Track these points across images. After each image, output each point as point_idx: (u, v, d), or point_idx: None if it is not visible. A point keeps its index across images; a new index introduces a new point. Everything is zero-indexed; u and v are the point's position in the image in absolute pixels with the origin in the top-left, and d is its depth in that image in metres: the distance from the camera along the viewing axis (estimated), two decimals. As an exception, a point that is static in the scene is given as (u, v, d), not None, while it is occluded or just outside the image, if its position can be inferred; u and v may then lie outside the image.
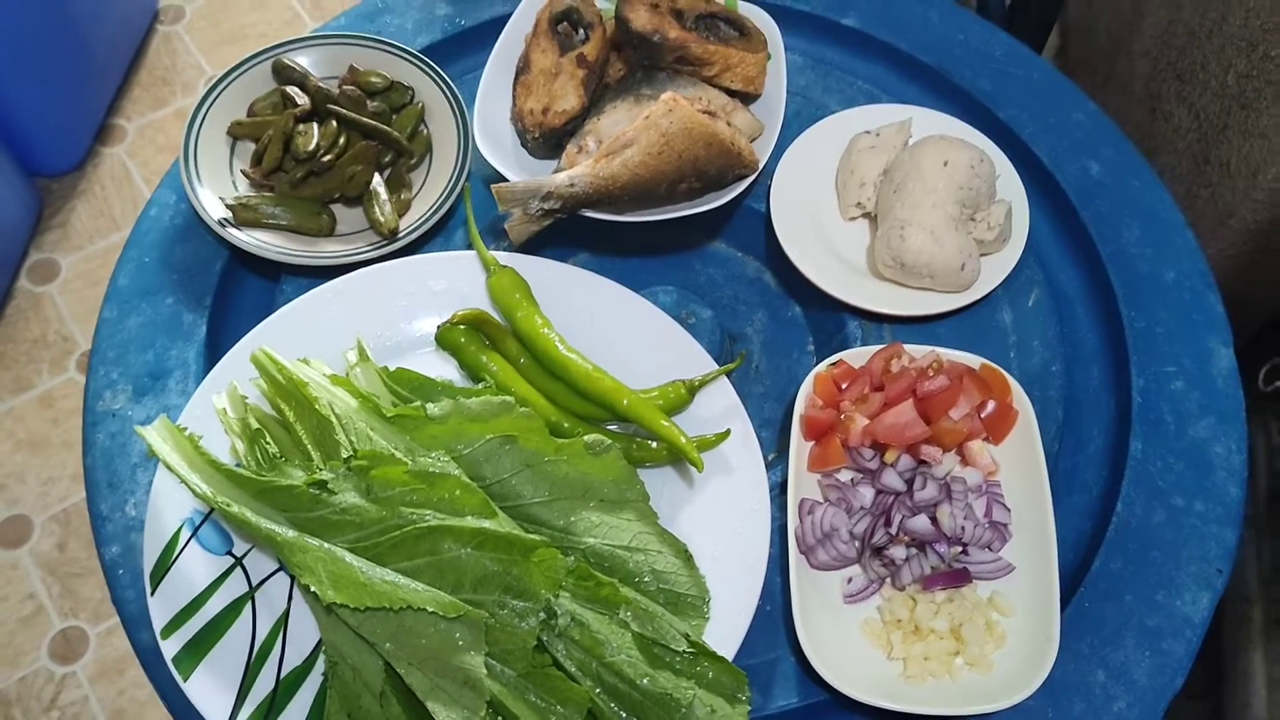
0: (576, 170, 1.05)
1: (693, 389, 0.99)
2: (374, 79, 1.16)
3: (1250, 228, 1.53)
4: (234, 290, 1.13)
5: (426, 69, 1.17)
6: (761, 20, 1.17)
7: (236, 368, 0.98)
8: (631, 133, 1.04)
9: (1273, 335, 1.53)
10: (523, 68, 1.15)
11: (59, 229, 2.36)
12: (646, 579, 0.90)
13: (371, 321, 1.04)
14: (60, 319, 2.25)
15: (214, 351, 1.07)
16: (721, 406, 1.00)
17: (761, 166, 1.10)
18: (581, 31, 1.14)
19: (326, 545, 0.84)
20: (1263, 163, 1.47)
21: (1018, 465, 0.99)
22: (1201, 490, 1.01)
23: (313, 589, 0.82)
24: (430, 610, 0.79)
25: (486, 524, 0.84)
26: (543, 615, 0.83)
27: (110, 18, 2.41)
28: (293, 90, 1.14)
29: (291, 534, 0.85)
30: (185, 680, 0.86)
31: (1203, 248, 1.16)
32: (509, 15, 1.19)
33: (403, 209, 1.12)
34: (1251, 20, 1.46)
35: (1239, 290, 1.54)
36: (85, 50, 2.32)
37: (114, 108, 2.51)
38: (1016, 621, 0.93)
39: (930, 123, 1.16)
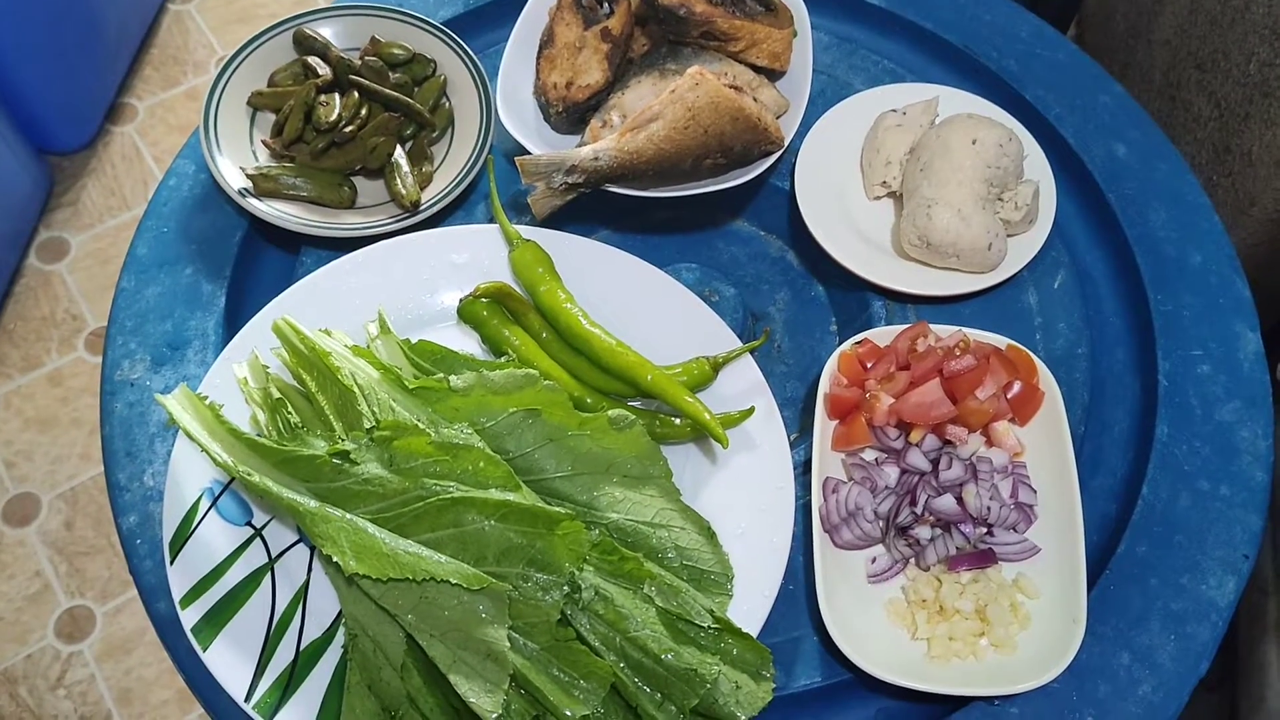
0: (601, 144, 1.04)
1: (717, 366, 0.98)
2: (396, 50, 1.15)
3: (1272, 216, 1.52)
4: (253, 261, 1.12)
5: (449, 41, 1.16)
6: (787, -4, 1.16)
7: (257, 337, 0.98)
8: (657, 106, 1.03)
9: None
10: (546, 41, 1.14)
11: (69, 207, 2.35)
12: (670, 555, 0.89)
13: (392, 294, 1.03)
14: (70, 297, 2.24)
15: (233, 322, 1.06)
16: (745, 384, 0.99)
17: (787, 144, 1.09)
18: (606, 5, 1.13)
19: (349, 516, 0.83)
20: (1286, 151, 1.46)
21: (1044, 447, 0.98)
22: (1227, 474, 1.01)
23: (335, 559, 0.81)
24: (453, 582, 0.78)
25: (510, 496, 0.83)
26: (566, 589, 0.82)
27: (122, -4, 2.40)
28: (314, 61, 1.13)
29: (314, 504, 0.84)
30: (205, 650, 0.85)
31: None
32: (533, -11, 1.18)
33: (424, 182, 1.11)
34: (1276, 8, 1.45)
35: (1260, 279, 1.53)
36: (96, 28, 2.31)
37: (125, 86, 2.50)
38: (1042, 603, 0.92)
39: (957, 102, 1.15)
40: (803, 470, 1.00)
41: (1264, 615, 1.45)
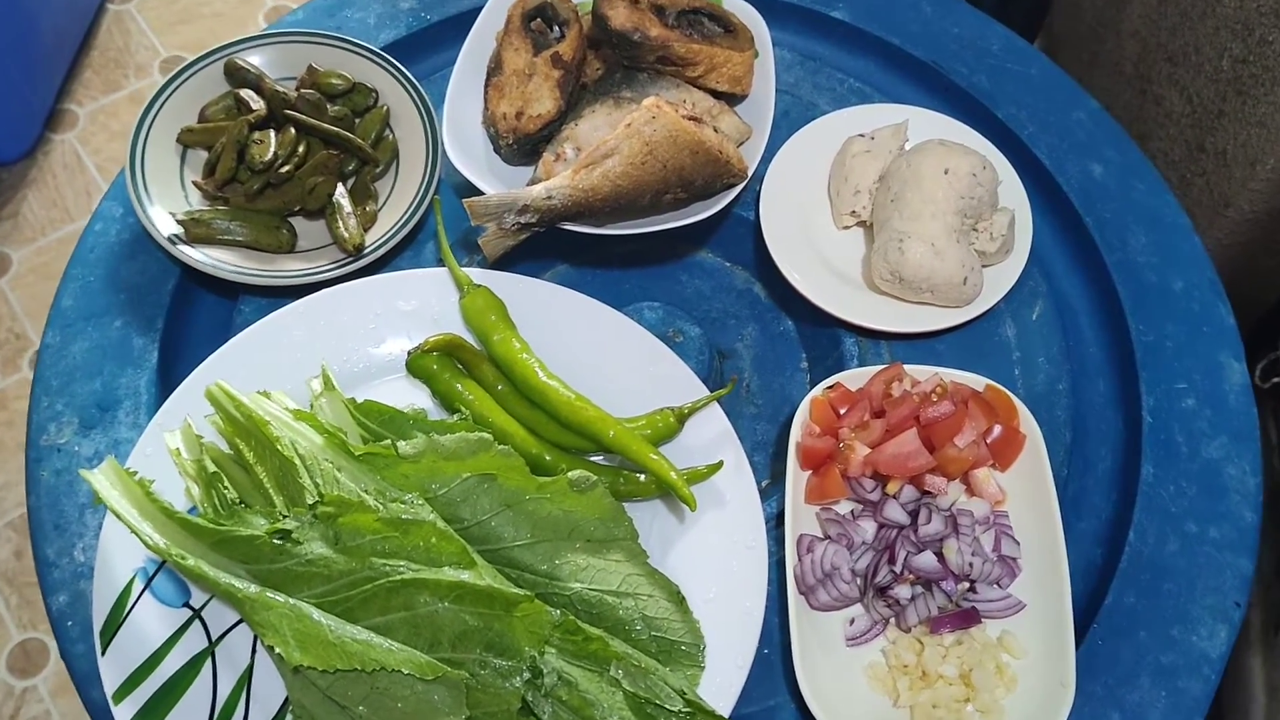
0: (554, 182, 0.98)
1: (682, 417, 0.93)
2: (335, 80, 1.09)
3: (1248, 218, 1.48)
4: (188, 311, 1.05)
5: (391, 69, 1.10)
6: (748, 15, 1.10)
7: (190, 401, 0.91)
8: (613, 141, 0.97)
9: (1268, 329, 1.49)
10: (494, 68, 1.08)
11: (9, 220, 2.26)
12: (638, 627, 0.84)
13: (337, 346, 0.97)
14: (12, 315, 2.16)
15: (167, 379, 1.00)
16: (712, 434, 0.94)
17: (751, 173, 1.03)
18: (556, 28, 1.07)
19: (292, 601, 0.78)
20: (1261, 152, 1.42)
21: (1026, 492, 0.94)
22: (1215, 515, 0.97)
23: (277, 650, 0.75)
24: (405, 672, 0.73)
25: (465, 575, 0.78)
26: (527, 674, 0.77)
27: (58, -3, 2.30)
28: (247, 94, 1.06)
29: (253, 589, 0.79)
30: (140, 751, 0.80)
31: (1199, 237, 1.10)
32: (479, 9, 1.12)
33: (368, 222, 1.05)
34: (1247, 3, 1.41)
35: (1235, 282, 1.50)
36: (32, 32, 2.21)
37: (64, 92, 2.41)
38: (1028, 663, 0.88)
39: (927, 124, 1.10)
40: (775, 523, 0.95)
41: (1247, 628, 1.43)
